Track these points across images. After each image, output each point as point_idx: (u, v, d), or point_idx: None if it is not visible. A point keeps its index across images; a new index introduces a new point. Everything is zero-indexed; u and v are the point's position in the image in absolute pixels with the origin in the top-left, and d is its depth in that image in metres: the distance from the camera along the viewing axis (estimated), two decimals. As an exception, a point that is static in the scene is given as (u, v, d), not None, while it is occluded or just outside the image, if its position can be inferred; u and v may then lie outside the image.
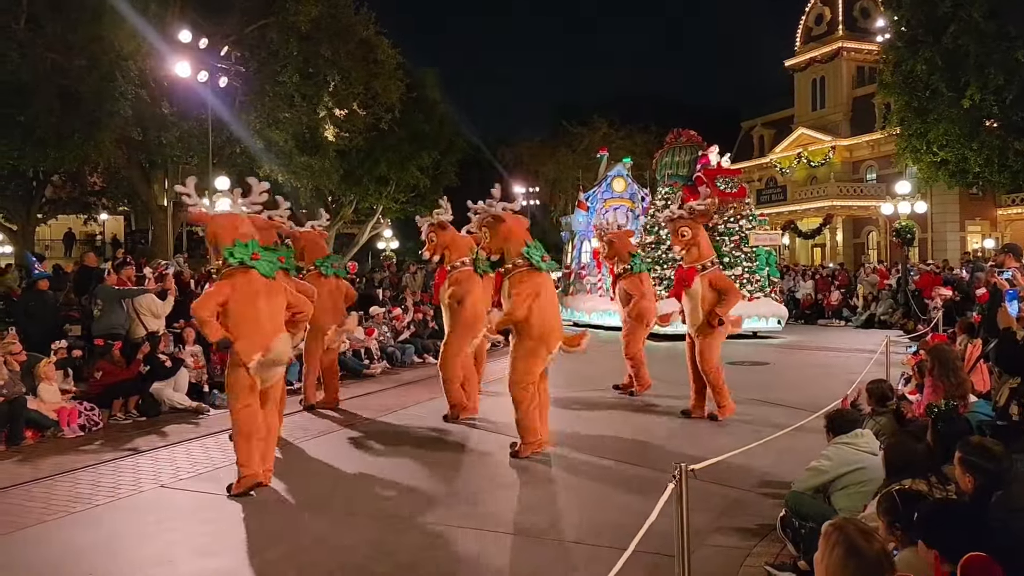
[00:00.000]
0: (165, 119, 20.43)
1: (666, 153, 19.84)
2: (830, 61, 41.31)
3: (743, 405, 9.53)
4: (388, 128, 26.99)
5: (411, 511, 5.76)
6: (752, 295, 17.51)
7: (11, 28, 17.47)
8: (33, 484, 6.60)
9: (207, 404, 9.82)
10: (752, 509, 5.66)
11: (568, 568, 4.70)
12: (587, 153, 44.94)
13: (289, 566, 4.77)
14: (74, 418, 8.57)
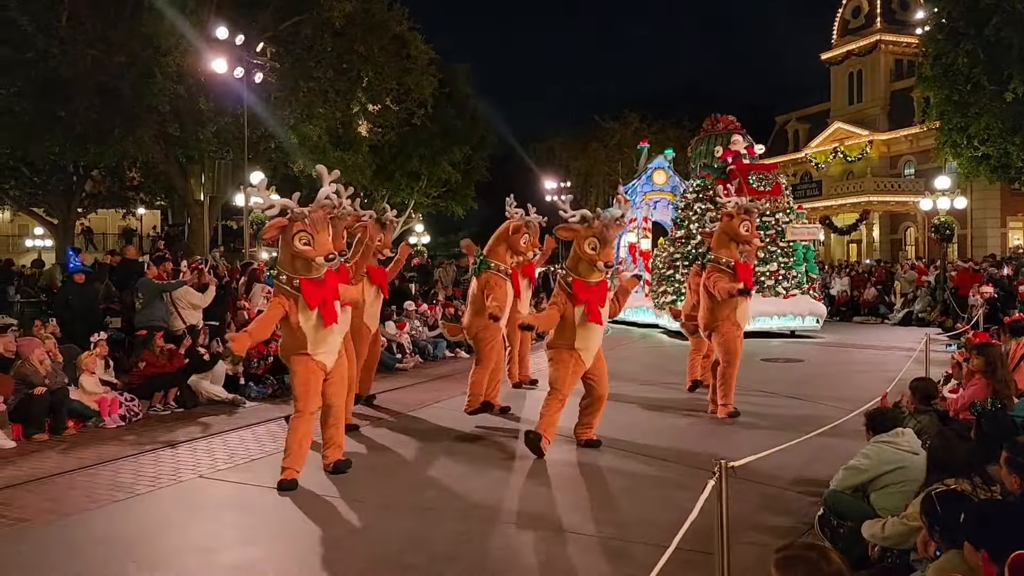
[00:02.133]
0: (202, 115, 20.70)
1: (701, 141, 19.12)
2: (868, 54, 40.63)
3: (779, 402, 9.46)
4: (420, 123, 27.15)
5: (446, 504, 5.79)
6: (788, 292, 16.92)
7: (53, 25, 17.82)
8: (77, 473, 6.75)
9: (243, 396, 9.96)
10: (789, 507, 5.60)
11: (605, 564, 4.69)
12: (619, 148, 44.77)
13: (326, 556, 4.81)
14: (115, 409, 8.74)
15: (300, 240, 6.00)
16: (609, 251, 6.81)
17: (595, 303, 6.87)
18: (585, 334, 6.93)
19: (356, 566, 4.68)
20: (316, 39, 22.67)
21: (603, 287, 6.99)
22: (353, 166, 25.28)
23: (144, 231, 37.64)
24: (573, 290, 6.92)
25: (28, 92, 17.89)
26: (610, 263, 6.82)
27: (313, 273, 6.13)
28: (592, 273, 6.89)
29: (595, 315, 6.88)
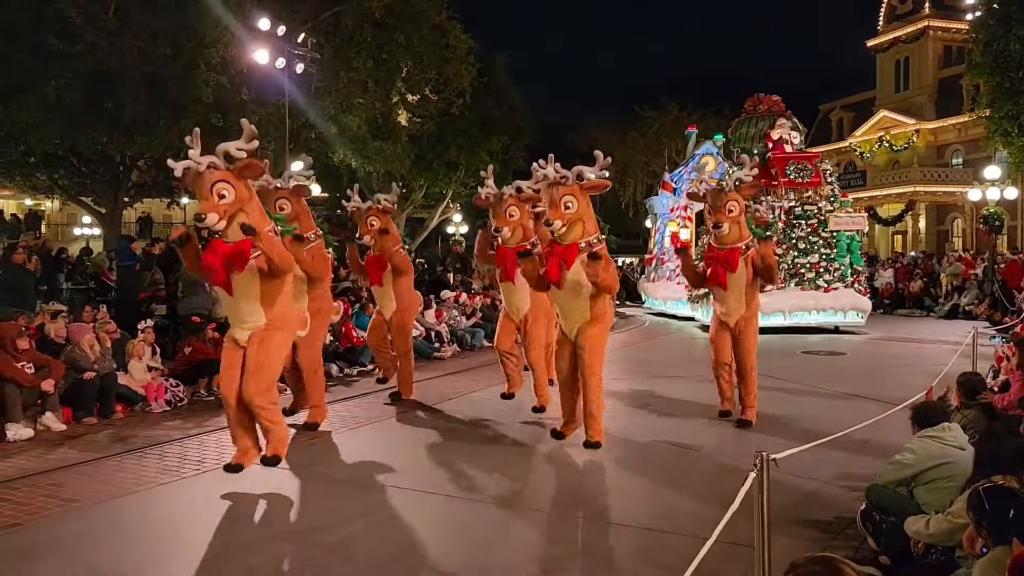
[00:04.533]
0: (244, 105, 20.93)
1: (742, 123, 18.44)
2: (915, 41, 39.72)
3: (821, 395, 9.34)
4: (459, 113, 27.16)
5: (483, 493, 5.83)
6: (829, 286, 16.04)
7: (100, 18, 18.16)
8: (125, 455, 6.93)
9: (282, 383, 10.08)
10: (831, 501, 5.55)
11: (643, 554, 4.70)
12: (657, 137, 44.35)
13: (365, 540, 4.89)
14: (161, 394, 8.94)
15: None
16: (554, 211, 6.69)
17: (554, 263, 6.87)
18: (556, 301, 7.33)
19: (391, 550, 4.74)
20: (356, 29, 22.78)
21: (570, 249, 6.81)
22: (392, 156, 25.40)
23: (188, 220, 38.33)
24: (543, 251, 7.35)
25: (77, 84, 18.26)
26: (550, 220, 6.74)
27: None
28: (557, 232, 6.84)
29: (550, 274, 6.94)
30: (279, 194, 7.99)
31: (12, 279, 10.01)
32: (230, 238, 5.82)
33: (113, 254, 16.44)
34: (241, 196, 5.80)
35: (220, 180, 5.66)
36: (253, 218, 5.87)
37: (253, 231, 5.77)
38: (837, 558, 2.26)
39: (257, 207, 6.02)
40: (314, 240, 8.07)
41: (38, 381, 7.74)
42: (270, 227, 6.06)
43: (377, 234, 8.98)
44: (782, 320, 15.48)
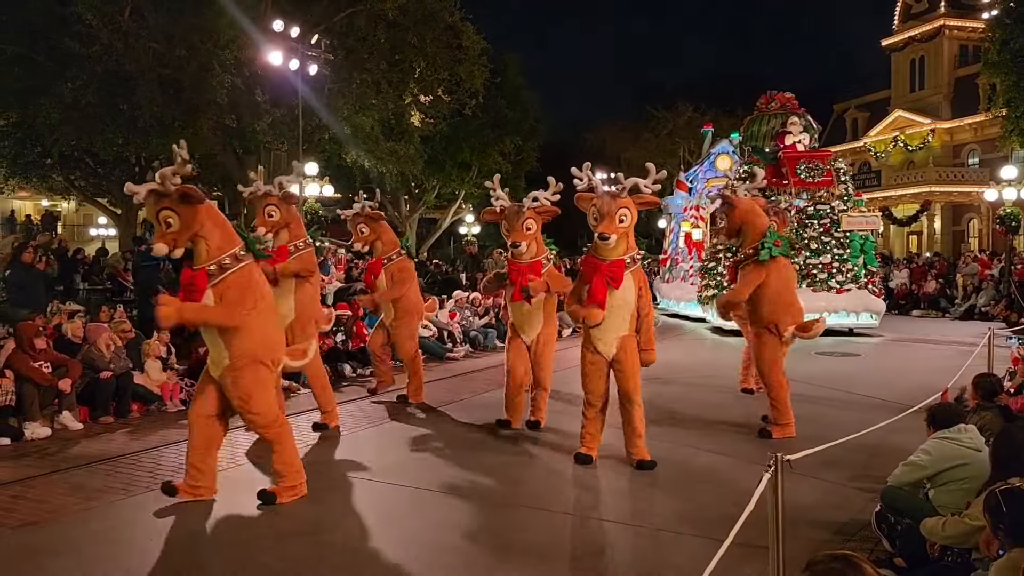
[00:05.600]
0: (258, 106, 21.07)
1: (754, 121, 17.92)
2: (931, 40, 39.44)
3: (835, 396, 9.30)
4: (472, 114, 27.21)
5: (495, 495, 5.85)
6: (842, 287, 15.66)
7: (117, 20, 18.30)
8: (142, 454, 6.99)
9: (297, 384, 10.15)
10: (845, 502, 5.53)
11: (657, 555, 4.70)
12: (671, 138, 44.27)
13: (387, 542, 4.91)
14: (176, 393, 9.00)
15: None
16: (608, 223, 6.08)
17: (599, 282, 6.20)
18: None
19: (403, 551, 4.76)
20: (369, 31, 22.86)
21: (616, 265, 6.20)
22: (405, 157, 25.47)
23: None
24: (581, 266, 6.61)
25: (93, 85, 18.41)
26: (605, 235, 6.07)
27: None
28: (600, 247, 6.24)
29: (594, 295, 6.24)
30: (267, 201, 7.76)
31: (21, 278, 10.10)
32: (196, 266, 5.51)
33: (129, 255, 16.57)
34: (187, 223, 5.33)
35: (164, 208, 5.30)
36: (212, 244, 5.44)
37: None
38: (856, 556, 2.26)
39: (217, 233, 5.50)
40: (303, 248, 7.90)
41: (55, 380, 7.82)
42: (231, 252, 5.50)
43: (370, 241, 9.02)
44: None
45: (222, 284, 5.44)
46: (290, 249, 7.81)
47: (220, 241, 5.52)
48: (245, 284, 5.52)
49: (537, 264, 7.57)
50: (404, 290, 9.10)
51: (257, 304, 5.56)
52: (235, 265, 5.50)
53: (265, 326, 5.65)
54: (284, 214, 7.78)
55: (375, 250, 9.18)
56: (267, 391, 5.67)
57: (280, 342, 5.92)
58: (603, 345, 6.40)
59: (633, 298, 6.32)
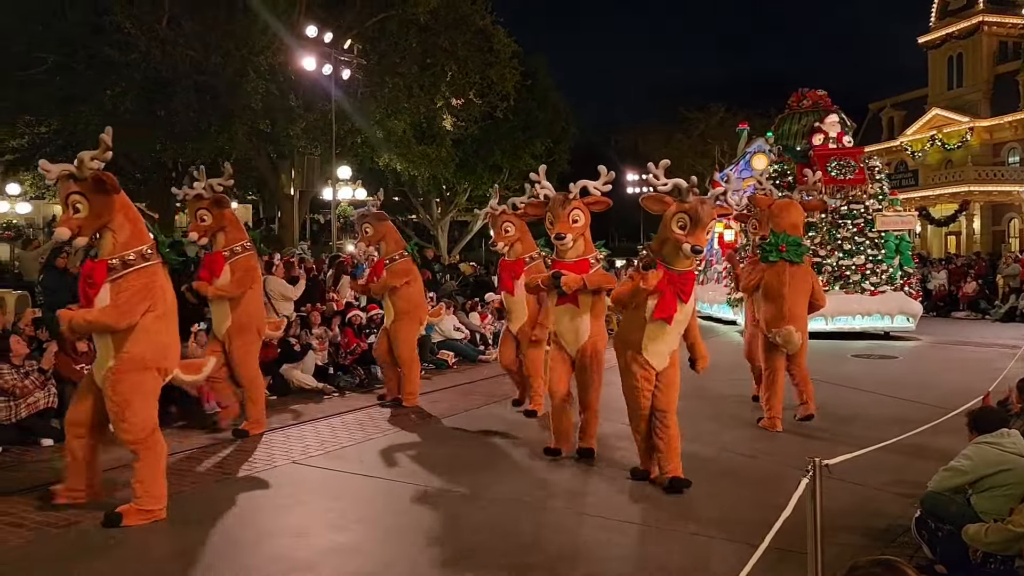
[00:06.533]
0: (292, 111, 21.34)
1: (786, 119, 17.59)
2: (969, 37, 38.71)
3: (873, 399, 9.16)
4: (502, 116, 27.29)
5: (533, 498, 5.84)
6: (876, 288, 15.30)
7: (155, 28, 18.66)
8: (179, 456, 7.07)
9: (332, 386, 10.24)
10: (885, 508, 5.44)
11: (695, 560, 4.66)
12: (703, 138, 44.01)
13: (414, 544, 4.92)
14: (212, 396, 9.10)
15: None
16: (701, 234, 5.58)
17: (671, 296, 5.74)
18: (653, 332, 5.90)
19: (440, 552, 4.77)
20: (401, 35, 23.06)
21: (688, 278, 5.82)
22: (436, 160, 25.63)
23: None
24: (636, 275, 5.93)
25: (131, 93, 18.79)
26: (699, 248, 5.57)
27: None
28: (677, 258, 5.73)
29: (666, 310, 5.75)
30: (199, 204, 7.43)
31: (56, 282, 10.31)
32: (99, 258, 5.30)
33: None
34: (97, 211, 5.16)
35: (73, 192, 5.11)
36: (120, 238, 5.26)
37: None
38: (900, 562, 2.21)
39: (128, 227, 5.33)
40: (240, 253, 7.64)
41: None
42: (139, 250, 5.32)
43: (375, 241, 9.02)
44: (824, 325, 14.60)
45: (121, 281, 5.22)
46: (225, 255, 7.57)
47: (129, 237, 5.32)
48: (145, 285, 5.28)
49: (584, 263, 6.71)
50: (399, 284, 8.97)
51: (156, 307, 5.33)
52: (140, 263, 5.29)
53: (160, 332, 5.37)
54: (216, 218, 7.45)
55: (380, 250, 9.18)
56: (147, 401, 5.35)
57: (175, 352, 5.61)
58: (658, 359, 5.98)
59: (691, 312, 6.01)
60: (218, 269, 7.60)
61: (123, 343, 5.22)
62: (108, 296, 5.20)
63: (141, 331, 5.24)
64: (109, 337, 5.25)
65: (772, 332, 7.72)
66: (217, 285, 7.58)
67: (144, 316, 5.25)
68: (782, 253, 7.68)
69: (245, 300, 7.71)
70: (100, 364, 5.35)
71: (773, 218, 7.92)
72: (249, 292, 7.76)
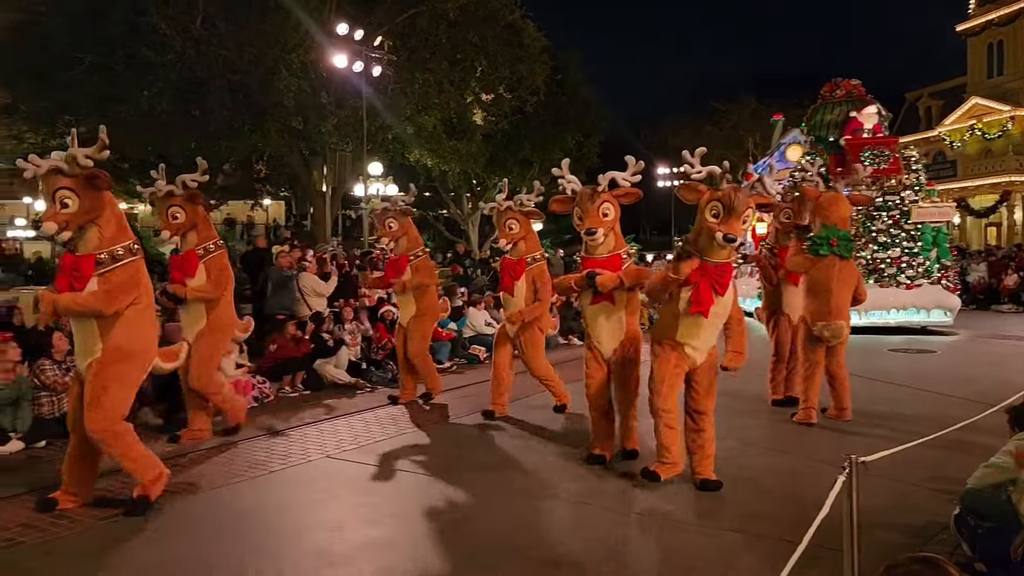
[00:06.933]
0: (324, 108, 21.48)
1: (818, 110, 17.19)
2: (1010, 23, 37.77)
3: (911, 395, 9.03)
4: (533, 111, 27.25)
5: (566, 494, 5.84)
6: (912, 282, 15.06)
7: (189, 28, 18.90)
8: (216, 450, 7.21)
9: (365, 381, 10.33)
10: (923, 505, 5.36)
11: (730, 557, 4.63)
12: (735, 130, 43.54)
13: (445, 537, 4.96)
14: (248, 390, 9.24)
15: None
16: (735, 222, 5.40)
17: (706, 288, 5.60)
18: (688, 326, 5.76)
19: (473, 546, 4.80)
20: (431, 31, 23.08)
21: (725, 270, 5.66)
22: (467, 155, 25.67)
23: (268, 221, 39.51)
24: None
25: (167, 93, 19.05)
26: (733, 236, 5.37)
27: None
28: (712, 248, 5.56)
29: (701, 303, 5.61)
30: (171, 201, 7.31)
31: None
32: (80, 251, 5.37)
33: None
34: (86, 207, 5.25)
35: (63, 187, 5.19)
36: (106, 233, 5.38)
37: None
38: (941, 560, 2.18)
39: (114, 222, 5.44)
40: (214, 251, 7.50)
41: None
42: (125, 244, 5.46)
43: (397, 236, 8.89)
44: (856, 319, 14.36)
45: (110, 274, 5.34)
46: (199, 253, 7.44)
47: (115, 232, 5.44)
48: (132, 277, 5.44)
49: (616, 259, 6.46)
50: (428, 283, 9.08)
51: (140, 300, 5.49)
52: (127, 258, 5.44)
53: (143, 324, 5.55)
54: (190, 215, 7.32)
55: (399, 247, 8.99)
56: (125, 391, 5.44)
57: (154, 343, 5.77)
58: (698, 354, 5.85)
59: (730, 305, 5.79)
60: (192, 269, 7.44)
61: (108, 334, 5.35)
62: (96, 288, 5.32)
63: (125, 323, 5.38)
64: (96, 327, 5.34)
65: (819, 326, 7.66)
66: (193, 286, 7.42)
67: (129, 308, 5.40)
68: (833, 247, 7.59)
69: (223, 301, 7.54)
70: (84, 355, 5.43)
71: (821, 211, 7.79)
72: (225, 292, 7.62)
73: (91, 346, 5.38)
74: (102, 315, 5.30)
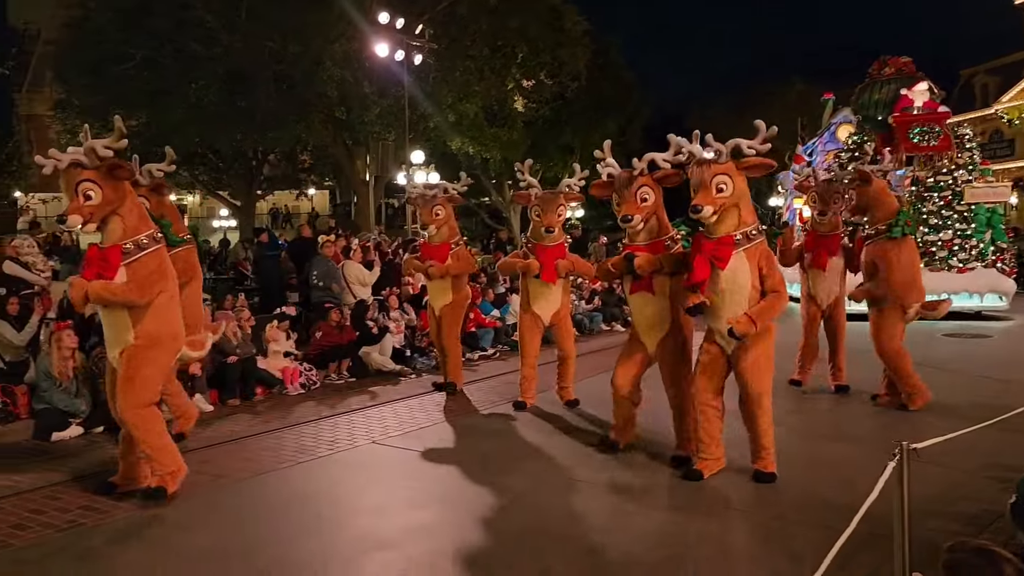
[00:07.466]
0: (366, 98, 21.65)
1: (865, 89, 16.76)
2: (1070, -5, 36.36)
3: (965, 381, 8.81)
4: (574, 96, 27.08)
5: (605, 480, 5.84)
6: (964, 266, 14.49)
7: (235, 21, 19.18)
8: (265, 435, 7.35)
9: (409, 368, 10.42)
10: (977, 493, 5.24)
11: (778, 543, 4.59)
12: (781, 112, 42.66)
13: (489, 523, 5.00)
14: (296, 377, 9.40)
15: None
16: (702, 193, 5.48)
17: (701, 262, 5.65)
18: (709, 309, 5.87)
19: (520, 534, 4.82)
20: (471, 18, 23.07)
21: (724, 242, 5.59)
22: (508, 142, 25.63)
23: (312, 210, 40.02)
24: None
25: (215, 86, 19.39)
26: (696, 207, 5.44)
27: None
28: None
29: (693, 277, 5.70)
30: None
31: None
32: (104, 243, 5.40)
33: (248, 244, 17.38)
34: (109, 198, 5.25)
35: (85, 180, 5.18)
36: (129, 222, 5.38)
37: None
38: (998, 550, 2.12)
39: (135, 212, 5.48)
40: (183, 244, 7.02)
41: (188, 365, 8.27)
42: (148, 233, 5.48)
43: (442, 224, 8.80)
44: None
45: (137, 263, 5.35)
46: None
47: (137, 221, 5.45)
48: (159, 266, 5.48)
49: (658, 244, 6.15)
50: (468, 271, 9.27)
51: (167, 288, 5.53)
52: (152, 246, 5.46)
53: (171, 311, 5.59)
54: (155, 206, 6.69)
55: (440, 234, 8.85)
56: (155, 376, 5.48)
57: (182, 330, 5.78)
58: (722, 337, 5.71)
59: (748, 281, 5.53)
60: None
61: (140, 323, 5.39)
62: (123, 280, 5.33)
63: (155, 311, 5.43)
64: (127, 317, 5.38)
65: (921, 309, 7.80)
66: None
67: (158, 296, 5.44)
68: (908, 228, 7.74)
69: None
70: (115, 344, 5.46)
71: (887, 196, 7.97)
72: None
73: (123, 335, 5.41)
74: (136, 305, 5.35)
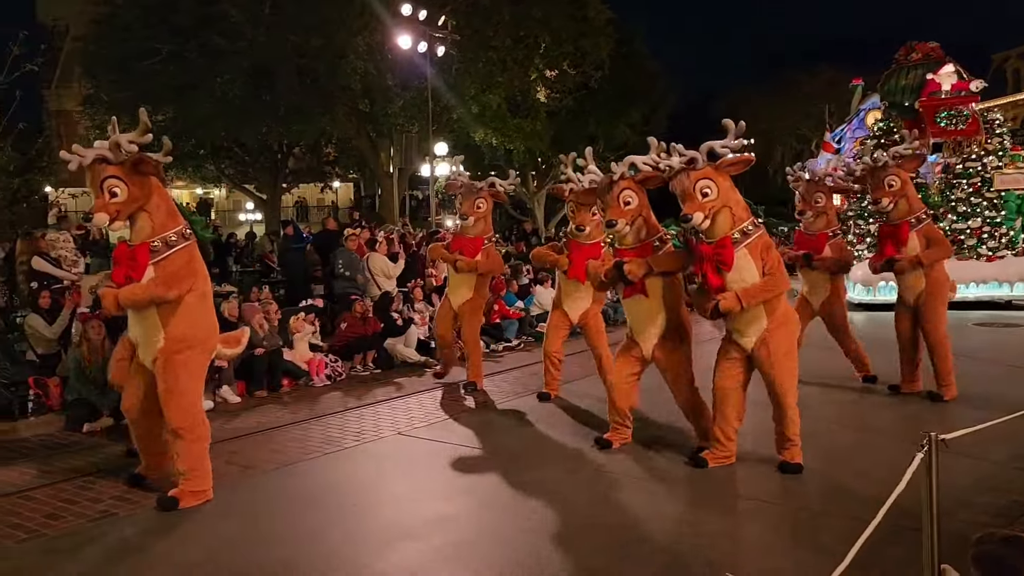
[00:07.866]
0: (390, 90, 21.70)
1: (892, 75, 16.35)
2: (1106, -24, 35.53)
3: (996, 371, 8.69)
4: (597, 86, 26.93)
5: (632, 472, 5.84)
6: (994, 254, 14.23)
7: (259, 15, 19.30)
8: (292, 426, 7.43)
9: (434, 360, 10.46)
10: (1006, 485, 5.18)
11: (805, 535, 4.57)
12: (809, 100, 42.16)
13: (516, 514, 5.02)
14: (322, 369, 9.49)
15: None
16: (689, 202, 5.47)
17: (708, 269, 5.63)
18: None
19: (545, 525, 4.83)
20: (493, 9, 23.02)
21: (723, 244, 5.55)
22: (532, 133, 25.58)
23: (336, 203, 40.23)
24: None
25: (240, 79, 19.54)
26: (686, 216, 5.45)
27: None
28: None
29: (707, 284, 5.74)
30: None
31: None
32: (133, 240, 5.26)
33: (273, 236, 17.53)
34: (135, 195, 5.10)
35: (110, 176, 5.03)
36: (157, 219, 5.21)
37: None
38: None
39: (164, 208, 5.30)
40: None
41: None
42: (177, 230, 5.31)
43: (481, 218, 8.52)
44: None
45: (166, 261, 5.19)
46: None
47: (165, 217, 5.27)
48: (187, 263, 5.29)
49: (646, 246, 6.08)
50: (496, 272, 9.23)
51: (197, 286, 5.35)
52: (181, 243, 5.28)
53: (203, 310, 5.43)
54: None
55: (475, 227, 8.57)
56: (193, 381, 5.34)
57: (215, 329, 5.60)
58: (743, 338, 5.71)
59: (754, 276, 5.49)
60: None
61: (169, 324, 5.21)
62: (153, 276, 5.20)
63: (185, 311, 5.25)
64: (157, 319, 5.21)
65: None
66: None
67: (187, 295, 5.26)
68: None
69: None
70: (147, 346, 5.30)
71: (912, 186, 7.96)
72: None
73: (154, 338, 5.24)
74: (164, 300, 5.17)
